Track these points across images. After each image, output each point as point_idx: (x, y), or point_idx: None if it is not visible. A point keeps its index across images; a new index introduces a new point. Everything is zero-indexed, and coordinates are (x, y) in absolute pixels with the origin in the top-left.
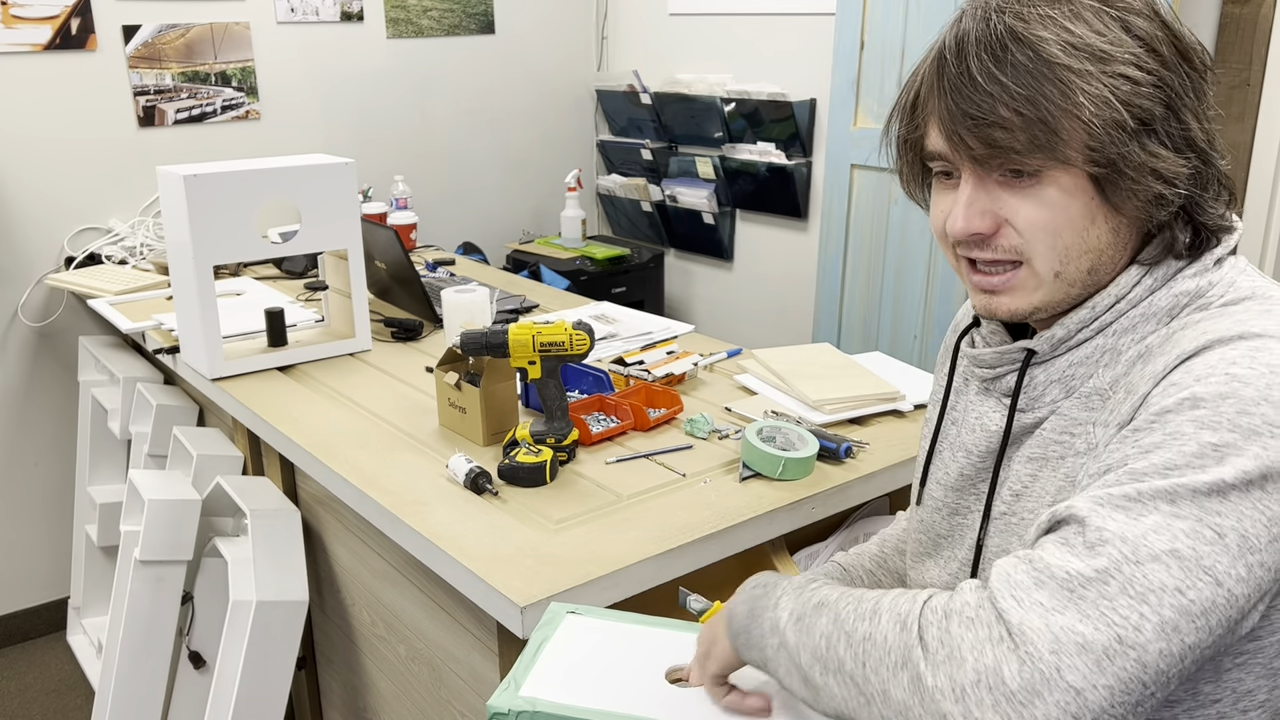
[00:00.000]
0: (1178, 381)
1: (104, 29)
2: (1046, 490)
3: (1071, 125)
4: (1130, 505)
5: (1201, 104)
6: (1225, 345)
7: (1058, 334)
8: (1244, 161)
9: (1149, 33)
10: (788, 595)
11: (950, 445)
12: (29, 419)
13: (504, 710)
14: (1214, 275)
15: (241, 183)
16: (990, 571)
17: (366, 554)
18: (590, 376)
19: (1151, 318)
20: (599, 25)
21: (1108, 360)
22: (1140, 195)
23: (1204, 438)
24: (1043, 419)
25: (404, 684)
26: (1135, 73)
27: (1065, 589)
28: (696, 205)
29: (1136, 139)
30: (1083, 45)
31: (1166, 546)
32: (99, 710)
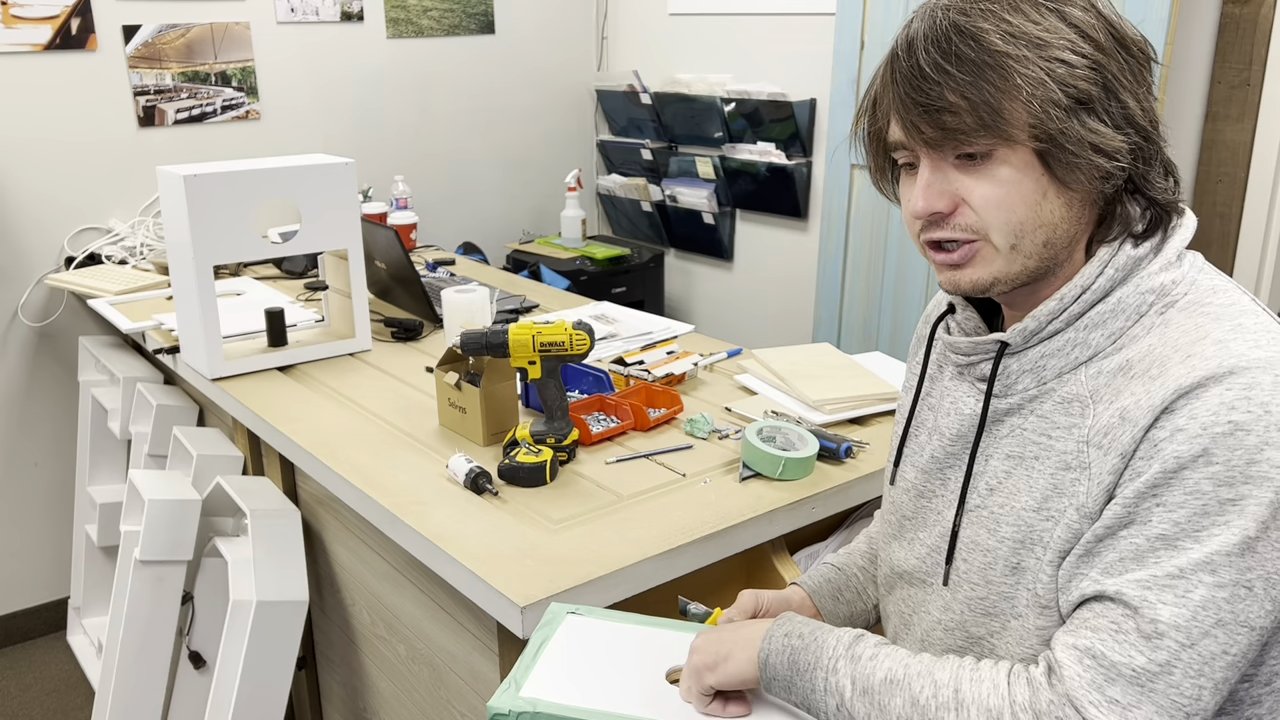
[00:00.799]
0: (1184, 428)
1: (104, 29)
2: (1018, 489)
3: (1013, 106)
4: (1175, 583)
5: (1140, 86)
6: (1221, 385)
7: (1029, 326)
8: (1244, 161)
9: (1084, 21)
10: (844, 660)
11: (926, 429)
12: (29, 419)
13: (505, 711)
14: (1177, 272)
15: (241, 183)
16: (1058, 663)
17: (367, 554)
18: (590, 376)
19: (1120, 314)
20: (599, 25)
21: (1078, 354)
22: (1084, 169)
23: (1223, 494)
24: (1018, 407)
25: (404, 684)
26: (1070, 56)
27: (1135, 685)
28: (696, 205)
29: (1075, 116)
30: (1020, 34)
31: (1213, 620)
32: (99, 710)
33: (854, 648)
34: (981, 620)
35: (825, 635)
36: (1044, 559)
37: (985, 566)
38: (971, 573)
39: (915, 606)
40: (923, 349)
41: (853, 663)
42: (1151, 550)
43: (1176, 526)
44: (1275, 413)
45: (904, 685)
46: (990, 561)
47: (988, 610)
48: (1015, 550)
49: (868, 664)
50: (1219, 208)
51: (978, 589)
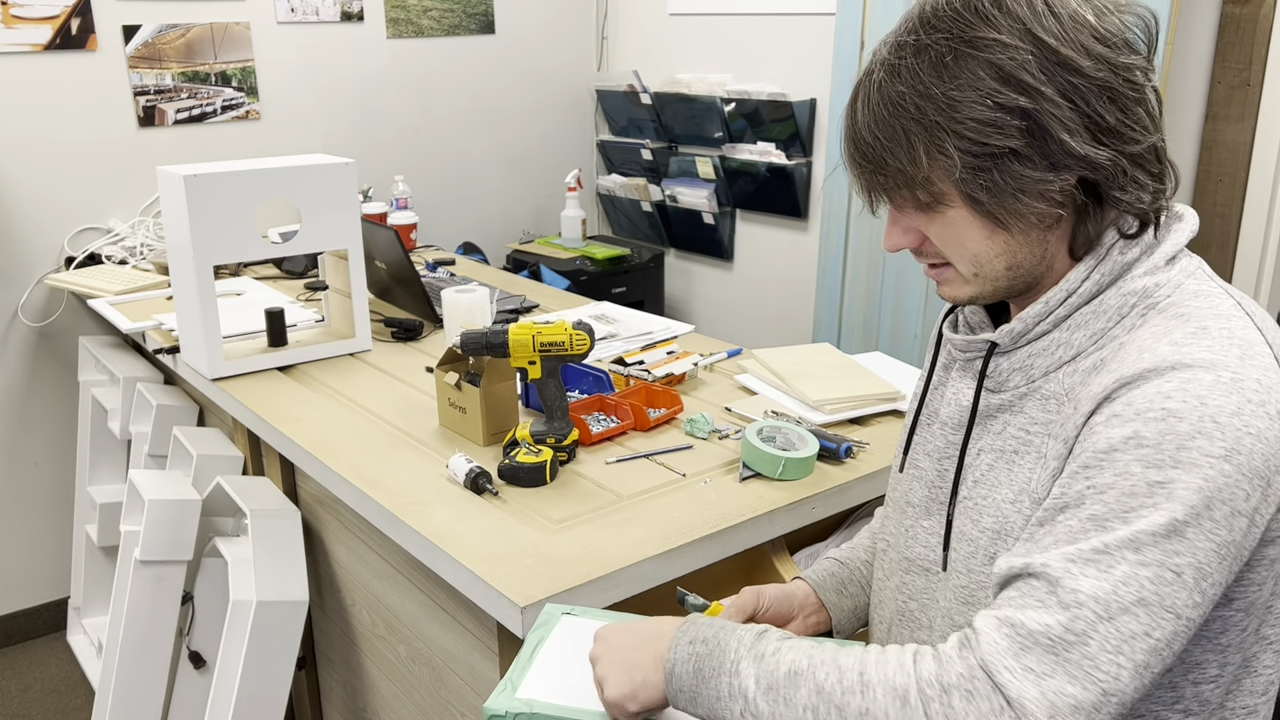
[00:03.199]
0: (1120, 414)
1: (104, 29)
2: (999, 481)
3: (934, 172)
4: (1099, 558)
5: (1100, 100)
6: (1161, 377)
7: (1016, 328)
8: (1244, 161)
9: (1010, 61)
10: (746, 660)
11: (936, 419)
12: (29, 419)
13: (501, 711)
14: (1163, 276)
15: (241, 183)
16: (975, 631)
17: (366, 554)
18: (590, 376)
19: (1102, 314)
20: (599, 25)
21: (1062, 353)
22: (1022, 212)
23: (1151, 476)
24: (1010, 404)
25: (404, 684)
26: (985, 113)
27: (1050, 653)
28: (696, 205)
29: (997, 169)
30: (931, 97)
31: (1134, 597)
32: (99, 710)
33: (757, 645)
34: (963, 609)
35: (728, 636)
36: (1010, 551)
37: (969, 556)
38: (958, 562)
39: (919, 594)
40: (936, 341)
41: (756, 661)
42: (1082, 530)
43: (1106, 507)
44: (1210, 406)
45: (808, 675)
46: (973, 551)
47: (968, 599)
48: (993, 540)
49: (771, 660)
50: (1219, 208)
51: (962, 578)
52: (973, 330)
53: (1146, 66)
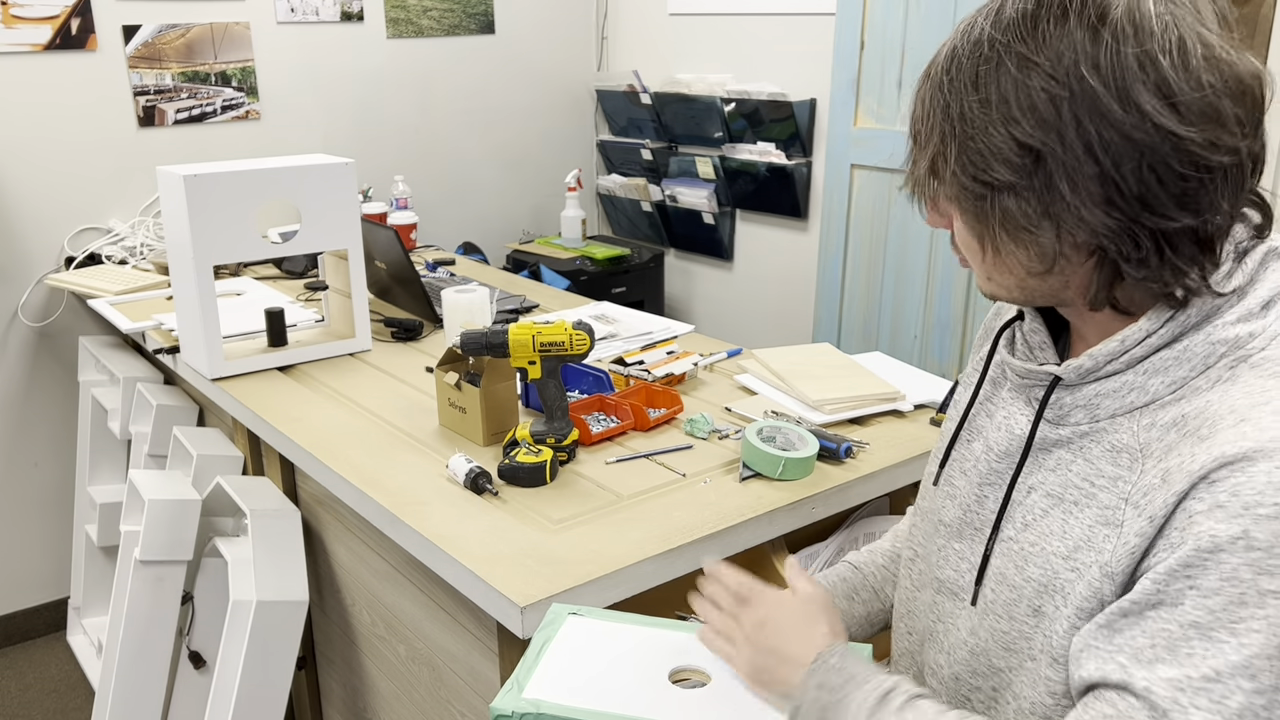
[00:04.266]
0: (1225, 505)
1: (104, 29)
2: (1053, 530)
3: (935, 172)
4: (1210, 687)
5: (1116, 167)
6: (1270, 461)
7: (1085, 365)
8: None
9: (1044, 92)
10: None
11: (981, 437)
12: (29, 419)
13: (508, 712)
14: (1258, 324)
15: (241, 183)
16: None
17: (366, 554)
18: (590, 376)
19: (1185, 362)
20: (599, 25)
21: (1134, 398)
22: (1010, 249)
23: (1263, 585)
24: (1068, 439)
25: (404, 684)
26: (995, 139)
27: None
28: (696, 205)
29: (990, 199)
30: (959, 100)
31: None
32: (99, 710)
33: (881, 708)
34: (1002, 654)
35: (853, 691)
36: (1063, 610)
37: (1010, 603)
38: (997, 605)
39: (944, 617)
40: (987, 346)
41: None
42: (1185, 640)
43: (1211, 615)
44: None
45: None
46: (1015, 599)
47: (1008, 646)
48: (1039, 593)
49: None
50: None
51: (1001, 622)
52: (1032, 351)
53: (1217, 142)
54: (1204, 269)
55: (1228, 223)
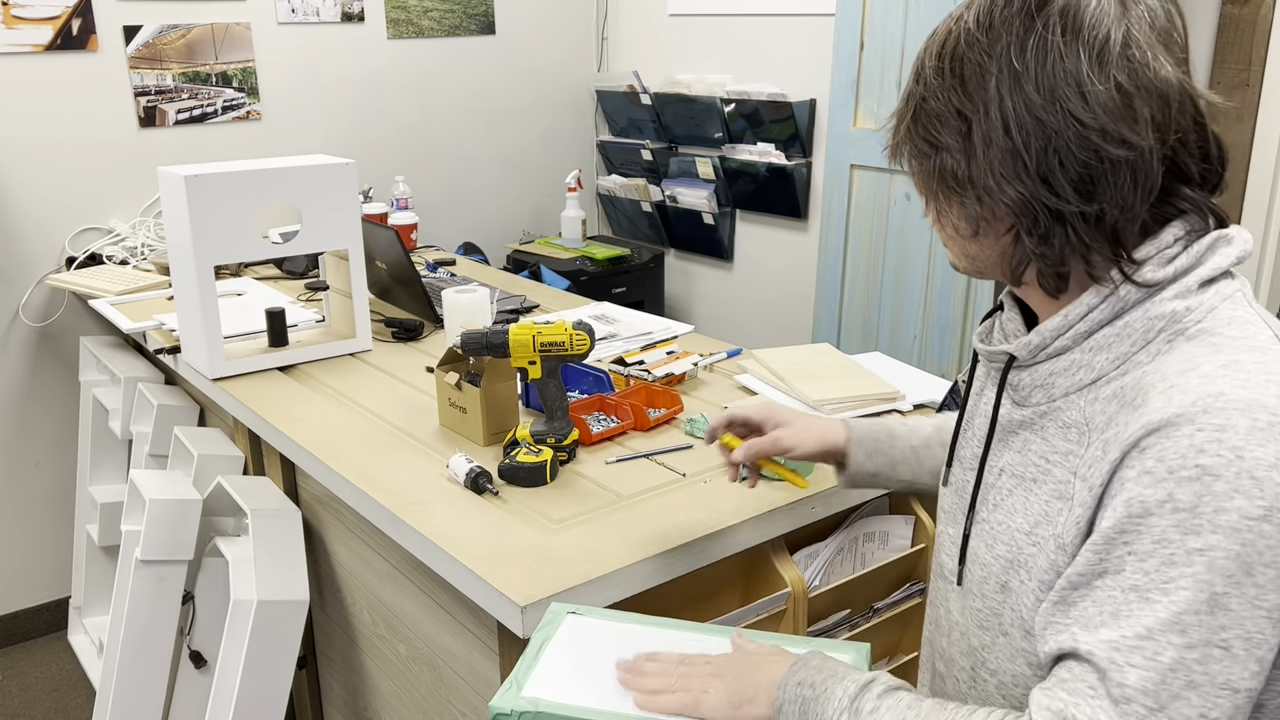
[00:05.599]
0: (1152, 470)
1: (105, 29)
2: (1017, 508)
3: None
4: (1143, 645)
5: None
6: (1193, 425)
7: (1034, 341)
8: (1244, 161)
9: (979, 69)
10: (846, 715)
11: (970, 424)
12: (30, 419)
13: (507, 711)
14: (1194, 299)
15: (242, 183)
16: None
17: (367, 554)
18: (590, 376)
19: (1126, 337)
20: (599, 25)
21: (1083, 375)
22: (950, 211)
23: (1190, 544)
24: (1031, 421)
25: (404, 683)
26: (939, 105)
27: None
28: (696, 205)
29: (935, 161)
30: (925, 68)
31: (1184, 682)
32: (100, 709)
33: (857, 700)
34: (977, 632)
35: (834, 686)
36: (1027, 584)
37: (983, 580)
38: (974, 583)
39: (943, 602)
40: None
41: (855, 716)
42: (1126, 603)
43: (1146, 576)
44: (1248, 460)
45: None
46: (985, 576)
47: (982, 623)
48: (1006, 570)
49: (867, 717)
50: None
51: (975, 600)
52: (1007, 339)
53: (1118, 136)
54: (1112, 255)
55: (1134, 218)
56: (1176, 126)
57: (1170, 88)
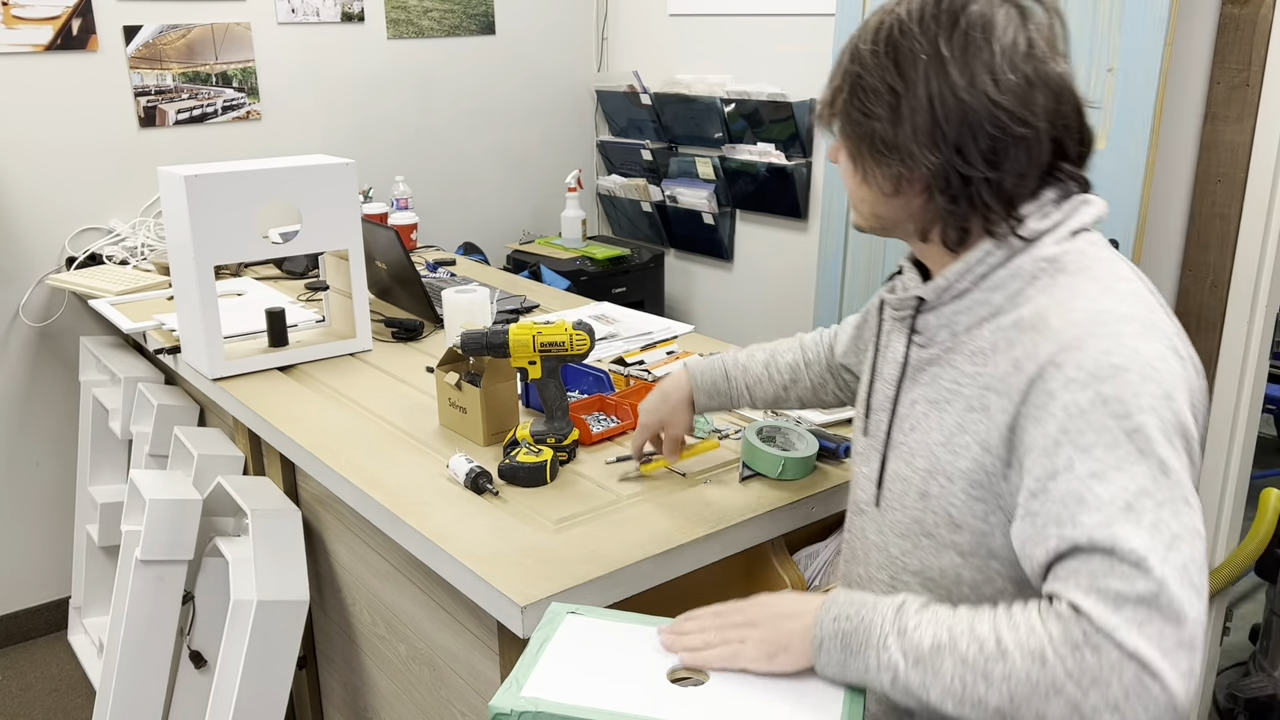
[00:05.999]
0: (1075, 378)
1: (105, 29)
2: (932, 427)
3: (837, 107)
4: (1127, 514)
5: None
6: (1096, 337)
7: (940, 284)
8: (1243, 162)
9: (910, 54)
10: (892, 636)
11: (877, 373)
12: (30, 419)
13: (507, 710)
14: (1068, 245)
15: (242, 183)
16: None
17: (367, 554)
18: (590, 376)
19: (1018, 276)
20: (599, 25)
21: (983, 311)
22: (875, 173)
23: (1125, 425)
24: (936, 358)
25: (404, 683)
26: (874, 81)
27: (1144, 605)
28: (696, 205)
29: (867, 129)
30: (860, 53)
31: (1173, 533)
32: (100, 710)
33: (899, 620)
34: (898, 541)
35: (871, 614)
36: (951, 486)
37: (902, 494)
38: (893, 499)
39: (860, 533)
40: (879, 308)
41: (900, 636)
42: (1089, 491)
43: (1099, 463)
44: (1144, 354)
45: (950, 648)
46: (905, 490)
47: (903, 532)
48: (924, 479)
49: (914, 634)
50: (1218, 208)
51: (896, 513)
52: (907, 290)
53: (1021, 117)
54: (1005, 215)
55: (1027, 185)
56: (1063, 114)
57: (1062, 83)
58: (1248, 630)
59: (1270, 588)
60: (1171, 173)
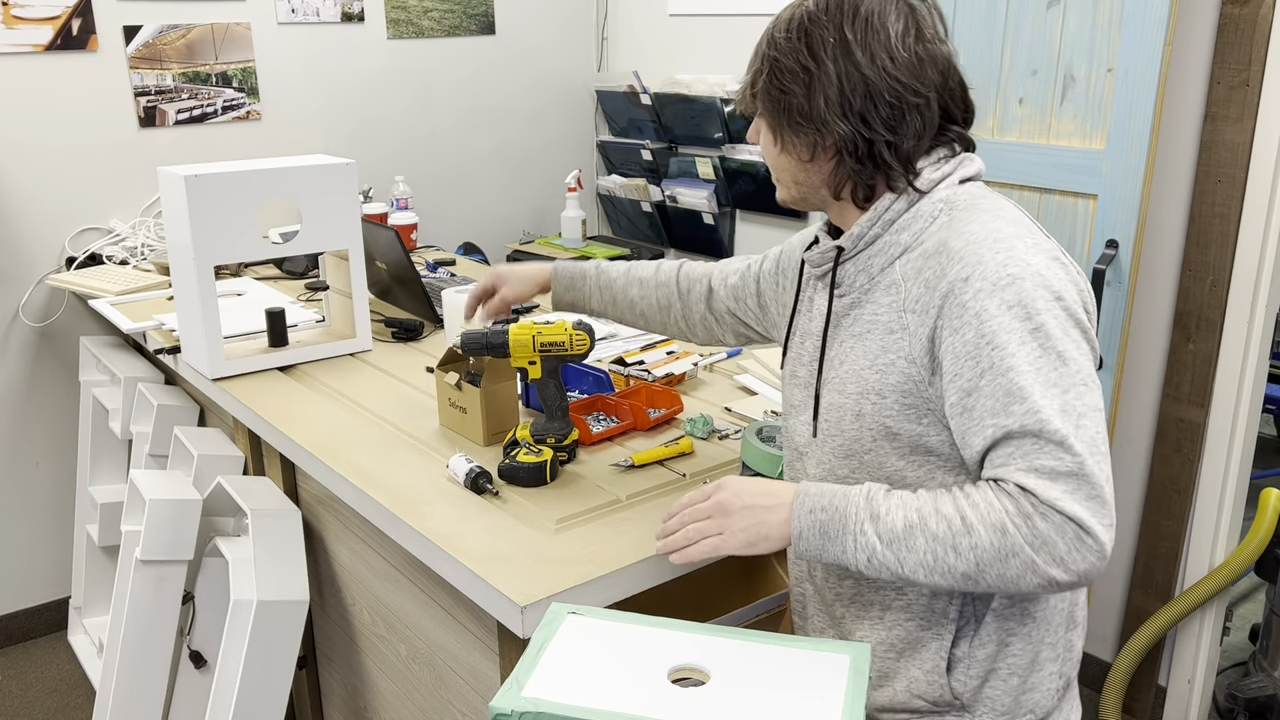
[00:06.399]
0: (981, 289)
1: (105, 29)
2: (858, 356)
3: (758, 88)
4: (1046, 401)
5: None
6: (993, 252)
7: (856, 232)
8: (1243, 162)
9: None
10: (867, 522)
11: (802, 333)
12: (30, 419)
13: (507, 711)
14: (958, 189)
15: (242, 183)
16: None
17: (367, 554)
18: (590, 376)
19: (920, 218)
20: (599, 25)
21: (893, 251)
22: (795, 142)
23: (1028, 325)
24: (857, 302)
25: (404, 683)
26: (788, 63)
27: (1073, 477)
28: (696, 205)
29: (785, 104)
30: (777, 41)
31: (1078, 412)
32: (100, 710)
33: (870, 506)
34: (842, 462)
35: (845, 503)
36: (885, 399)
37: (839, 420)
38: (829, 426)
39: (800, 473)
40: (796, 271)
41: (874, 521)
42: (1011, 384)
43: (1014, 358)
44: (1034, 265)
45: (920, 527)
46: (841, 415)
47: (846, 454)
48: (857, 400)
49: (886, 518)
50: (1218, 208)
51: (835, 438)
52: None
53: (914, 88)
54: (904, 171)
55: (921, 145)
56: (949, 87)
57: (948, 61)
58: (1248, 630)
59: (1270, 588)
60: (1171, 173)
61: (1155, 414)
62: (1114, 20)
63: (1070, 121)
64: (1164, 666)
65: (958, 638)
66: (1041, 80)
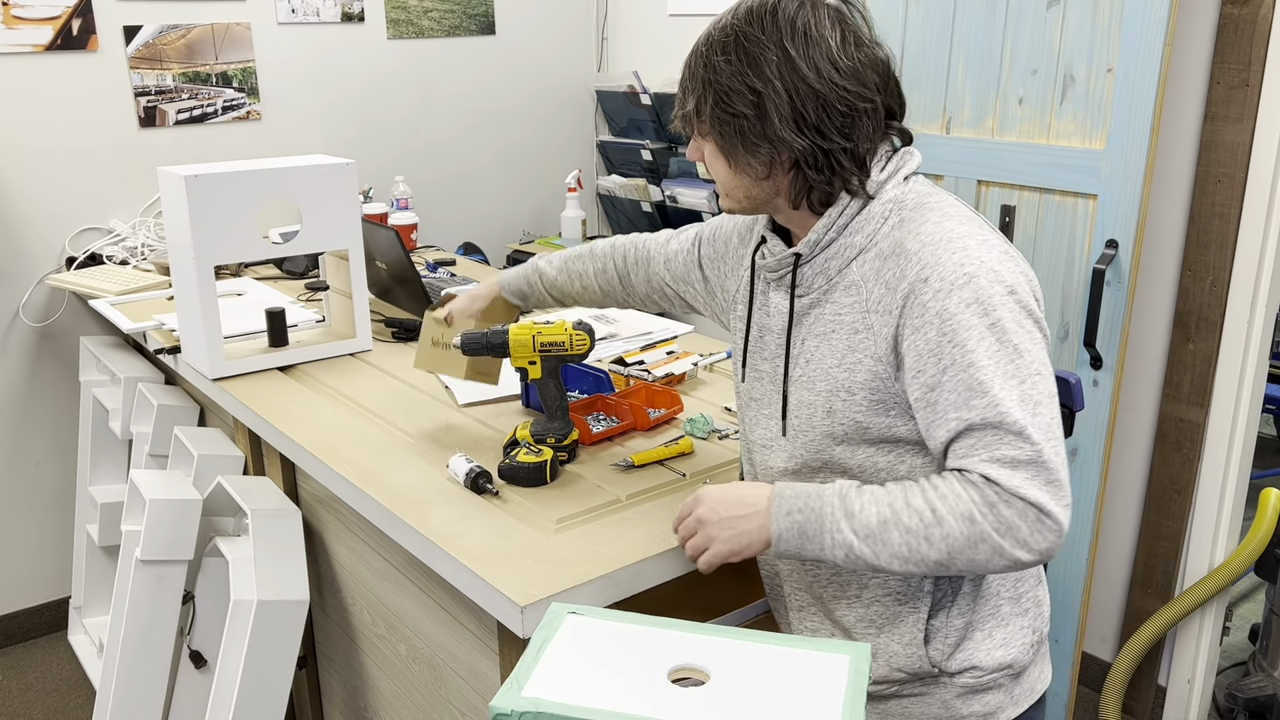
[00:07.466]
0: (940, 289)
1: (105, 30)
2: (824, 355)
3: (702, 112)
4: (1005, 393)
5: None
6: (949, 252)
7: (813, 238)
8: (1243, 162)
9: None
10: (843, 520)
11: (766, 331)
12: (30, 419)
13: (507, 711)
14: (906, 188)
15: (242, 183)
16: (980, 470)
17: (367, 554)
18: (590, 376)
19: (872, 219)
20: (599, 25)
21: (850, 254)
22: (748, 161)
23: (986, 322)
24: (817, 301)
25: (404, 683)
26: (734, 84)
27: (1033, 464)
28: (696, 205)
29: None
30: (714, 64)
31: (1034, 401)
32: (100, 709)
33: (844, 505)
34: (815, 456)
35: (819, 504)
36: (855, 396)
37: (809, 416)
38: (800, 423)
39: (764, 470)
40: (746, 270)
41: (849, 518)
42: (972, 379)
43: (974, 354)
44: (988, 262)
45: (894, 521)
46: (811, 412)
47: (817, 448)
48: (827, 398)
49: (860, 515)
50: (1218, 208)
51: (805, 435)
52: (777, 256)
53: (861, 94)
54: (860, 174)
55: (874, 147)
56: (890, 87)
57: (886, 63)
58: (1248, 630)
59: (1270, 588)
60: (1171, 173)
61: (1155, 414)
62: (1114, 20)
63: (1070, 121)
64: (1164, 666)
65: (934, 609)
66: (1041, 80)
